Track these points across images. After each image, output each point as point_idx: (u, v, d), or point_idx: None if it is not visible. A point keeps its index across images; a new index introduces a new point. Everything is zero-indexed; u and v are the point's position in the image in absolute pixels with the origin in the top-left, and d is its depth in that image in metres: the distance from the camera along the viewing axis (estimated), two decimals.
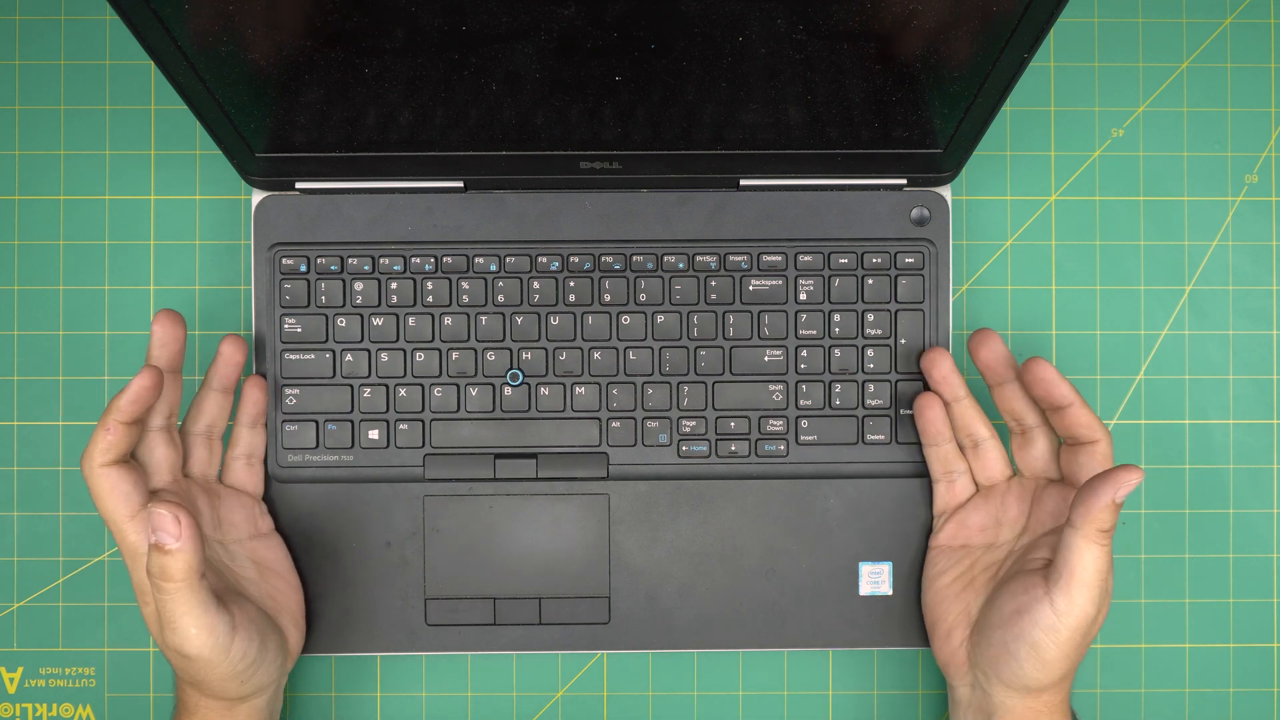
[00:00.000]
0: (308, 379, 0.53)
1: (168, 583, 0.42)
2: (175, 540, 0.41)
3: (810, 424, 0.54)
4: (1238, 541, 0.56)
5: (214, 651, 0.43)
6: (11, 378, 0.56)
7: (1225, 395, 0.56)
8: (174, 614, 0.42)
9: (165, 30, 0.42)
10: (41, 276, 0.56)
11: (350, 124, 0.49)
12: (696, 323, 0.54)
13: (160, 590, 0.42)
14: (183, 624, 0.42)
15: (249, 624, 0.45)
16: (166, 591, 0.42)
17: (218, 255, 0.56)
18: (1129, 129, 0.57)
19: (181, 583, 0.42)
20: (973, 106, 0.47)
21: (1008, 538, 0.50)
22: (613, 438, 0.54)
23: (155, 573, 0.42)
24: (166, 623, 0.42)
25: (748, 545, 0.54)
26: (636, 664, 0.56)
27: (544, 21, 0.42)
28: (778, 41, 0.43)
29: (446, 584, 0.53)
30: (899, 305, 0.54)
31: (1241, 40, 0.57)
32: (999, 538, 0.50)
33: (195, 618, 0.43)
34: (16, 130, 0.56)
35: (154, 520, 0.41)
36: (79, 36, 0.56)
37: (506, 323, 0.54)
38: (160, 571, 0.41)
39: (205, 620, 0.43)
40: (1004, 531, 0.50)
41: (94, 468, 0.44)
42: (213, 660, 0.44)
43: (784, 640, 0.54)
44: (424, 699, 0.56)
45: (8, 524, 0.56)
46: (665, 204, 0.54)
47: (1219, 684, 0.56)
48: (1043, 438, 0.50)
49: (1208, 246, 0.56)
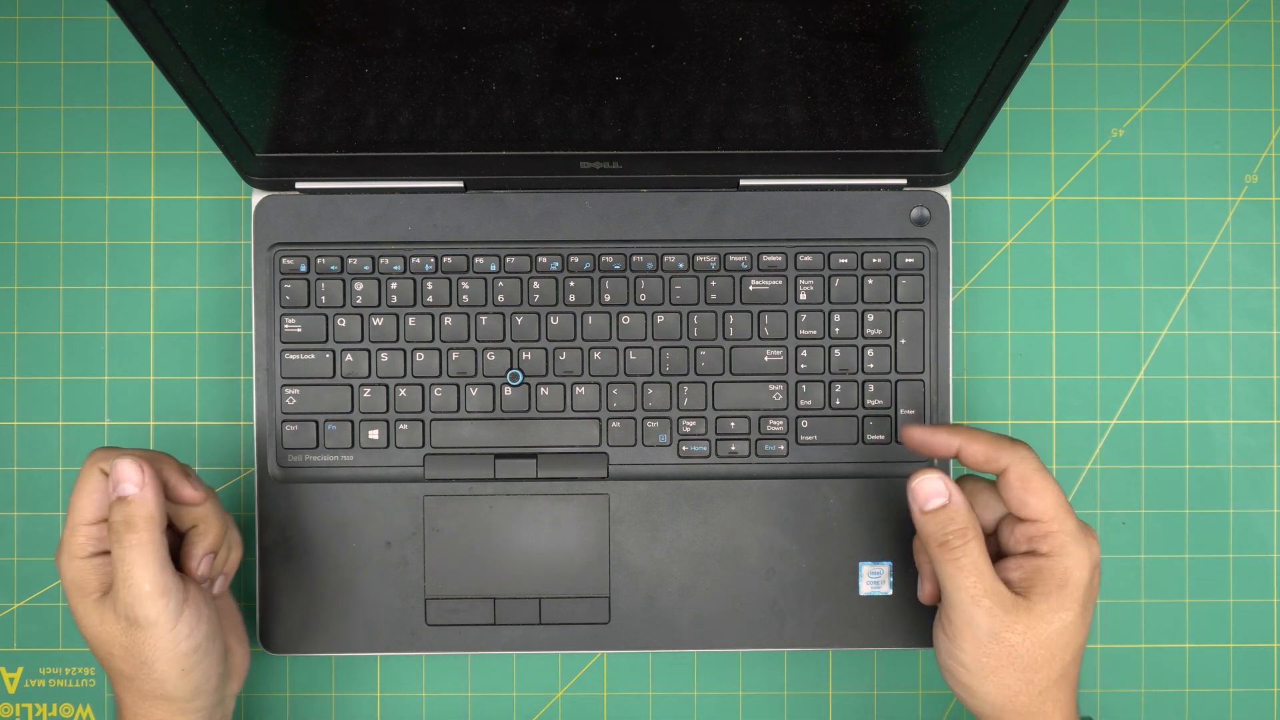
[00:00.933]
0: (308, 379, 0.53)
1: (130, 534, 0.43)
2: (136, 487, 0.43)
3: (810, 424, 0.54)
4: (1238, 541, 0.56)
5: (164, 615, 0.43)
6: (11, 378, 0.56)
7: (1225, 395, 0.56)
8: (131, 569, 0.43)
9: (165, 30, 0.42)
10: (41, 276, 0.56)
11: (350, 124, 0.49)
12: (696, 323, 0.54)
13: (121, 543, 0.43)
14: (137, 579, 0.43)
15: (199, 603, 0.45)
16: (127, 544, 0.43)
17: (218, 255, 0.56)
18: (1129, 129, 0.57)
19: (143, 533, 0.43)
20: (973, 106, 0.47)
21: None
22: (613, 438, 0.54)
23: (119, 523, 0.43)
24: (122, 581, 0.43)
25: (748, 545, 0.54)
26: (636, 664, 0.56)
27: (544, 21, 0.42)
28: (778, 41, 0.43)
29: (446, 584, 0.53)
30: (899, 305, 0.54)
31: (1241, 40, 0.57)
32: None
33: (152, 574, 0.43)
34: (16, 130, 0.56)
35: (117, 471, 0.43)
36: (79, 36, 0.56)
37: (506, 323, 0.54)
38: (125, 521, 0.43)
39: (161, 579, 0.43)
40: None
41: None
42: (161, 626, 0.43)
43: (784, 640, 0.54)
44: (424, 699, 0.56)
45: (8, 524, 0.56)
46: (665, 204, 0.54)
47: (1219, 684, 0.56)
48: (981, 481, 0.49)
49: (1208, 246, 0.56)
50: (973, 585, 0.43)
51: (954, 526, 0.44)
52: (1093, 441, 0.56)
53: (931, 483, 0.44)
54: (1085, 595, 0.44)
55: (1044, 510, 0.44)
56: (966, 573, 0.43)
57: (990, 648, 0.43)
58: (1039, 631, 0.43)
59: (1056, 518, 0.44)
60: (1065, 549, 0.43)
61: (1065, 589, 0.43)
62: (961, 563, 0.43)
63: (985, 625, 0.43)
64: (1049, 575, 0.43)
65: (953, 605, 0.44)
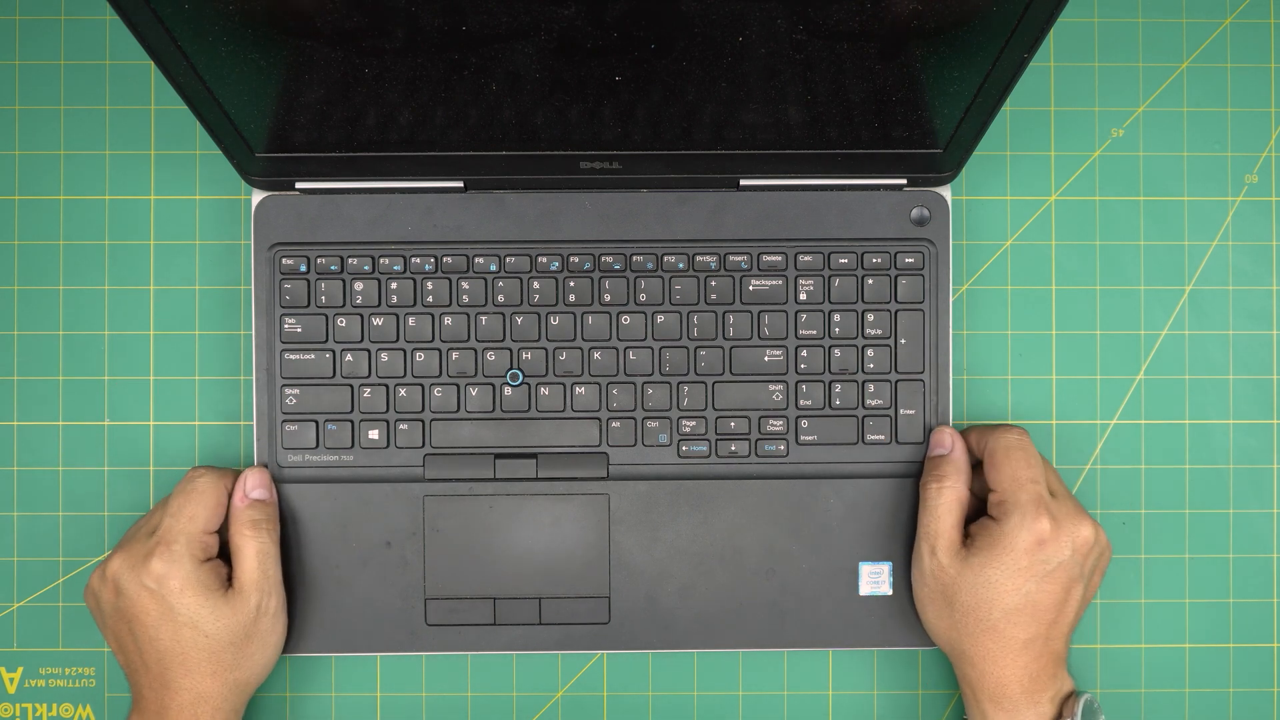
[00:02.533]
0: (308, 379, 0.53)
1: (271, 530, 0.51)
2: (268, 491, 0.52)
3: (810, 424, 0.54)
4: (1238, 541, 0.56)
5: (284, 600, 0.52)
6: (11, 378, 0.56)
7: (1225, 395, 0.56)
8: (268, 560, 0.51)
9: (165, 30, 0.42)
10: (41, 276, 0.56)
11: (350, 124, 0.49)
12: (696, 323, 0.54)
13: (261, 537, 0.51)
14: (275, 570, 0.51)
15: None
16: (267, 538, 0.51)
17: (218, 255, 0.56)
18: (1129, 129, 0.57)
19: (276, 531, 0.52)
20: (973, 106, 0.47)
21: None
22: (613, 438, 0.54)
23: (260, 521, 0.51)
24: (261, 572, 0.50)
25: (748, 545, 0.54)
26: (636, 664, 0.56)
27: (544, 21, 0.42)
28: (778, 41, 0.43)
29: (446, 584, 0.53)
30: (899, 305, 0.54)
31: (1241, 40, 0.57)
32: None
33: (279, 565, 0.52)
34: (16, 130, 0.56)
35: (250, 479, 0.52)
36: (79, 36, 0.56)
37: (506, 323, 0.54)
38: (267, 519, 0.51)
39: (272, 551, 0.51)
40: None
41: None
42: (282, 611, 0.51)
43: (784, 640, 0.54)
44: (424, 699, 0.56)
45: (8, 524, 0.56)
46: (665, 204, 0.54)
47: (1219, 684, 0.56)
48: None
49: (1208, 246, 0.56)
50: (929, 523, 0.51)
51: (936, 472, 0.51)
52: (1093, 441, 0.56)
53: (940, 435, 0.53)
54: (1022, 562, 0.48)
55: (998, 481, 0.50)
56: (930, 514, 0.51)
57: (927, 580, 0.51)
58: (965, 577, 0.49)
59: (1008, 490, 0.49)
60: (1009, 516, 0.49)
61: (996, 548, 0.49)
62: (929, 504, 0.51)
63: (926, 560, 0.51)
64: (988, 533, 0.49)
65: (917, 537, 0.52)
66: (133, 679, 0.50)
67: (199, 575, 0.49)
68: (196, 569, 0.49)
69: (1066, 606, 0.49)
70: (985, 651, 0.49)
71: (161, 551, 0.49)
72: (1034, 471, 0.50)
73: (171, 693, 0.48)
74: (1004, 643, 0.49)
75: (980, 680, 0.49)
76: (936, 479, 0.51)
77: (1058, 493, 0.51)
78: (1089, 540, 0.49)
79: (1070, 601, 0.49)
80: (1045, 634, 0.49)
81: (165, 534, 0.49)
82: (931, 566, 0.50)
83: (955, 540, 0.50)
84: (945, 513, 0.50)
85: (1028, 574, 0.48)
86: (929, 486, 0.51)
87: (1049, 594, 0.48)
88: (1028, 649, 0.49)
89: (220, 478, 0.51)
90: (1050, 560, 0.48)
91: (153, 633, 0.48)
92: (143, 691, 0.49)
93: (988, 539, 0.49)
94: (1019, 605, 0.48)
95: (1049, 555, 0.48)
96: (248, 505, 0.51)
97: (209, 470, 0.52)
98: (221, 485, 0.51)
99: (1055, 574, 0.48)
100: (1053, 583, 0.48)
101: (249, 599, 0.50)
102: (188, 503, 0.50)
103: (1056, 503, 0.50)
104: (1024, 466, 0.50)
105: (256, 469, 0.53)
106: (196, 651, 0.49)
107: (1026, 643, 0.49)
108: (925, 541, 0.51)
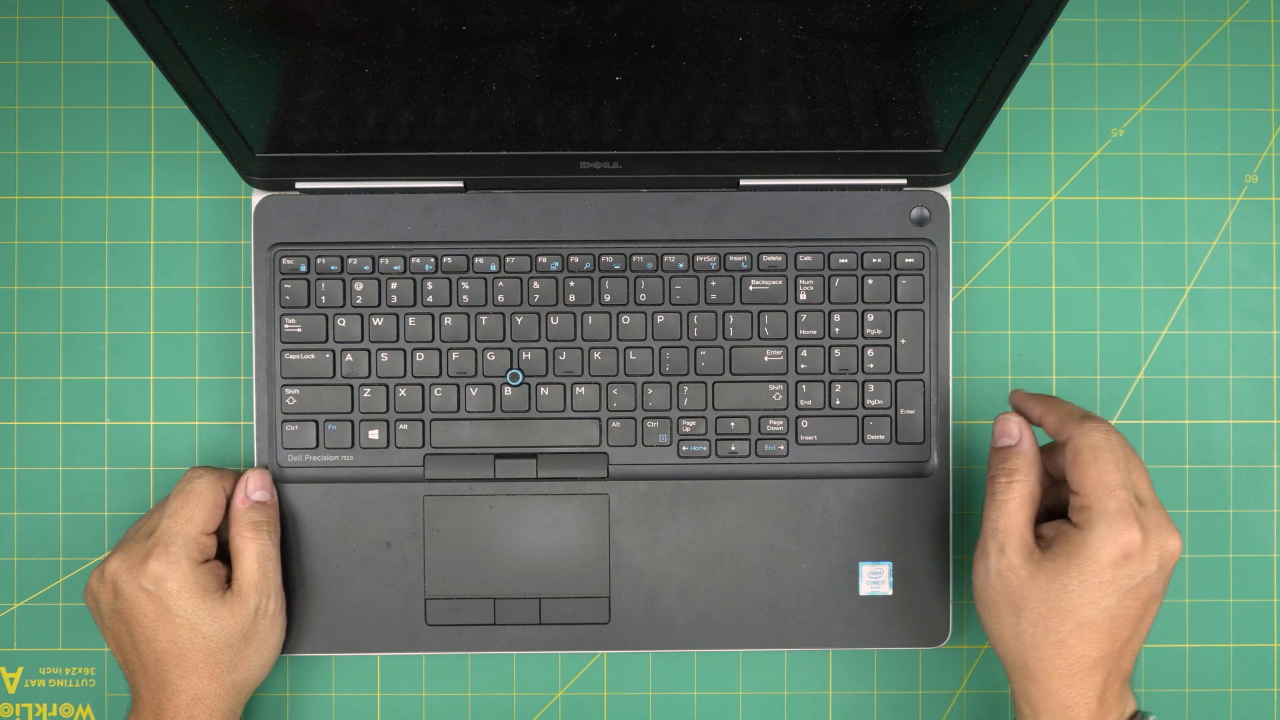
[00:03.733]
0: (308, 379, 0.53)
1: (273, 531, 0.52)
2: (269, 493, 0.52)
3: (810, 424, 0.54)
4: (1238, 541, 0.56)
5: (283, 601, 0.52)
6: (11, 378, 0.56)
7: (1225, 395, 0.56)
8: (268, 562, 0.51)
9: (165, 30, 0.42)
10: (41, 276, 0.56)
11: (350, 124, 0.49)
12: (696, 323, 0.54)
13: (261, 539, 0.51)
14: (275, 571, 0.51)
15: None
16: (269, 539, 0.51)
17: (218, 255, 0.56)
18: (1129, 129, 0.57)
19: (277, 533, 0.52)
20: (973, 106, 0.47)
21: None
22: (613, 438, 0.54)
23: (262, 523, 0.51)
24: (261, 573, 0.50)
25: (748, 545, 0.54)
26: (636, 664, 0.56)
27: (544, 21, 0.42)
28: (778, 41, 0.43)
29: (446, 584, 0.53)
30: (899, 305, 0.54)
31: (1241, 40, 0.57)
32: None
33: (280, 567, 0.52)
34: (16, 130, 0.56)
35: (252, 481, 0.52)
36: (79, 36, 0.56)
37: (506, 323, 0.54)
38: (268, 520, 0.52)
39: (272, 553, 0.51)
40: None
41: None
42: (281, 612, 0.51)
43: (784, 640, 0.54)
44: (424, 699, 0.56)
45: (8, 524, 0.56)
46: (665, 204, 0.54)
47: (1219, 684, 0.56)
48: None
49: (1208, 246, 0.56)
50: (998, 520, 0.47)
51: (1005, 466, 0.48)
52: None
53: (1006, 424, 0.49)
54: (1105, 575, 0.44)
55: (1082, 484, 0.45)
56: (999, 510, 0.47)
57: (993, 580, 0.47)
58: (1039, 584, 0.45)
59: (1093, 495, 0.45)
60: (1094, 525, 0.45)
61: (1076, 556, 0.45)
62: (998, 499, 0.47)
63: (994, 559, 0.47)
64: (1068, 541, 0.45)
65: (982, 534, 0.48)
66: (131, 680, 0.50)
67: (196, 576, 0.49)
68: (194, 570, 0.49)
69: (1143, 624, 0.46)
70: (1052, 668, 0.45)
71: (159, 553, 0.49)
72: (1123, 476, 0.45)
73: (168, 693, 0.48)
74: (1073, 660, 0.45)
75: (1044, 700, 0.46)
76: (1006, 473, 0.47)
77: (1146, 500, 0.46)
78: (1176, 554, 0.45)
79: (1147, 618, 0.46)
80: (1118, 652, 0.45)
81: (163, 535, 0.49)
82: (1000, 566, 0.46)
83: (1028, 539, 0.46)
84: (1016, 509, 0.47)
85: (1109, 588, 0.44)
86: (997, 480, 0.48)
87: (1129, 610, 0.45)
88: (1098, 668, 0.45)
89: (219, 478, 0.51)
90: (1135, 575, 0.44)
91: (150, 634, 0.48)
92: (140, 692, 0.49)
93: (1067, 545, 0.45)
94: (1094, 620, 0.45)
95: (1134, 570, 0.44)
96: (249, 507, 0.51)
97: (207, 471, 0.51)
98: (220, 486, 0.51)
99: (1138, 589, 0.45)
100: (1134, 599, 0.45)
101: (248, 601, 0.50)
102: (186, 504, 0.50)
103: (1145, 511, 0.45)
104: (1112, 470, 0.45)
105: (258, 470, 0.53)
106: (194, 653, 0.49)
107: (1098, 661, 0.45)
108: (994, 539, 0.47)
